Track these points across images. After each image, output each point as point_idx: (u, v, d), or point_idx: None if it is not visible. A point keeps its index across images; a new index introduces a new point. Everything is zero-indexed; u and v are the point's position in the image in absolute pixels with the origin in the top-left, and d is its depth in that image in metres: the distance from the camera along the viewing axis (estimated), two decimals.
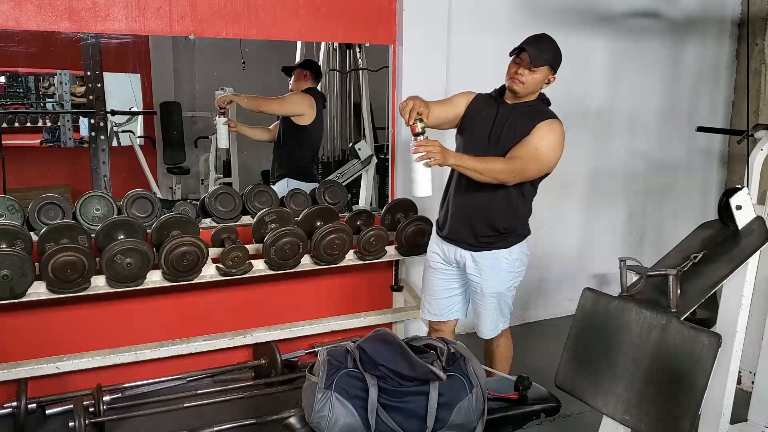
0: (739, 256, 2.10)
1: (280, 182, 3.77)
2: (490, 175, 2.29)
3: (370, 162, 3.99)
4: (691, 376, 1.80)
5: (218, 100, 3.62)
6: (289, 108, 3.74)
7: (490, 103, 2.52)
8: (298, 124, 3.71)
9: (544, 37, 2.43)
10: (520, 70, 2.39)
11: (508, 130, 2.42)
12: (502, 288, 2.59)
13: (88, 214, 2.91)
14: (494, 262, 2.55)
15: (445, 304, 2.72)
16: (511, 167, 2.32)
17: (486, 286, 2.56)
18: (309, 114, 3.70)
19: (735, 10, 4.42)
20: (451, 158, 2.20)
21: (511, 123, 2.43)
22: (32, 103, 5.08)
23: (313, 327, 3.21)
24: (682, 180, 4.54)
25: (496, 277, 2.56)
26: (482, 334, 2.69)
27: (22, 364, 2.71)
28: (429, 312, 2.76)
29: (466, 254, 2.56)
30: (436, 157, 2.15)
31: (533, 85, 2.42)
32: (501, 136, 2.43)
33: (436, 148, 2.15)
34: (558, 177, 2.63)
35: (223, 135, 3.68)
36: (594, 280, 4.27)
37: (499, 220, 2.50)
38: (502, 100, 2.50)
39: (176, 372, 3.17)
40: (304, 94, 3.74)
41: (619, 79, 4.14)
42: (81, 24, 2.75)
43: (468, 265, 2.57)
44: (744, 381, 2.93)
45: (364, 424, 1.72)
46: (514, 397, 1.97)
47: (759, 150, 2.78)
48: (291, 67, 3.86)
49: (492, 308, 2.61)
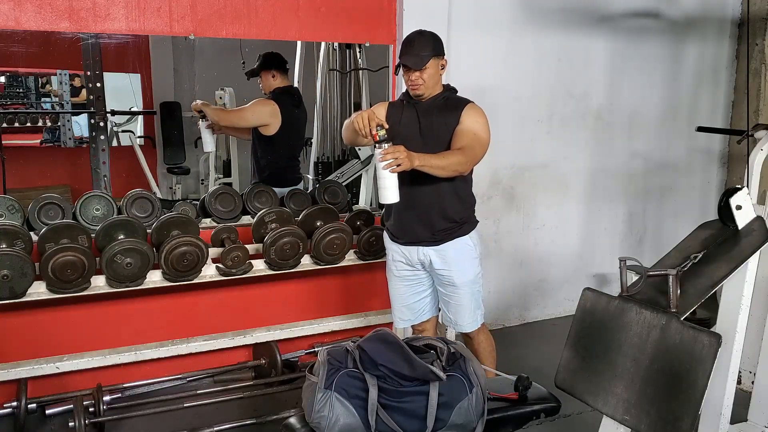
0: (739, 256, 2.10)
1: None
2: (452, 168, 2.34)
3: (370, 162, 3.99)
4: (691, 376, 1.80)
5: (192, 107, 3.56)
6: (247, 119, 3.55)
7: (405, 106, 2.57)
8: (264, 135, 3.53)
9: (413, 38, 2.48)
10: (412, 77, 2.46)
11: (436, 127, 2.48)
12: (472, 274, 2.61)
13: (88, 214, 2.91)
14: (459, 251, 2.57)
15: (418, 308, 2.73)
16: (466, 157, 2.38)
17: (457, 277, 2.58)
18: (273, 123, 3.49)
19: (735, 10, 4.42)
20: (416, 160, 2.23)
21: (435, 119, 2.48)
22: (32, 103, 5.09)
23: (313, 327, 3.22)
24: (682, 180, 4.54)
25: (463, 265, 2.58)
26: (463, 329, 2.69)
27: (22, 364, 2.72)
28: (401, 320, 2.77)
29: (429, 251, 2.57)
30: (404, 162, 2.18)
31: (432, 81, 2.48)
32: (433, 129, 2.48)
33: (402, 154, 2.17)
34: (558, 177, 2.63)
35: (208, 139, 3.62)
36: (594, 280, 4.27)
37: (451, 210, 2.54)
38: (415, 100, 2.54)
39: (176, 372, 3.17)
40: (264, 102, 3.52)
41: (619, 79, 4.14)
42: (81, 24, 2.75)
43: (434, 261, 2.58)
44: (744, 381, 2.92)
45: (364, 424, 1.72)
46: (514, 397, 1.97)
47: (759, 150, 2.78)
48: (253, 69, 3.63)
49: (467, 299, 2.62)
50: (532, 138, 3.94)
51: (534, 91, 3.87)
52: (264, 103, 3.52)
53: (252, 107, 3.55)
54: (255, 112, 3.52)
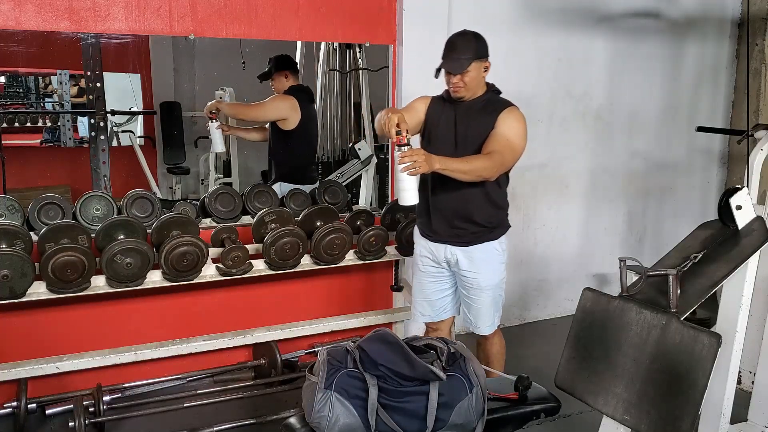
0: (739, 256, 2.10)
1: (274, 186, 3.74)
2: (475, 173, 2.31)
3: (370, 162, 3.99)
4: (691, 376, 1.80)
5: (206, 108, 3.61)
6: (268, 114, 3.65)
7: (446, 105, 2.55)
8: (284, 129, 3.61)
9: (454, 40, 2.44)
10: (453, 80, 2.43)
11: (472, 130, 2.45)
12: (497, 279, 2.61)
13: (88, 214, 2.91)
14: (486, 254, 2.56)
15: (439, 305, 2.73)
16: (492, 162, 2.34)
17: (482, 280, 2.57)
18: (292, 117, 3.58)
19: (735, 10, 4.42)
20: (436, 163, 2.22)
21: (473, 121, 2.46)
22: (32, 103, 5.08)
23: (313, 327, 3.21)
24: (682, 180, 4.54)
25: (490, 269, 2.58)
26: (480, 331, 2.69)
27: (22, 364, 2.71)
28: (422, 314, 2.77)
29: (457, 251, 2.57)
30: (422, 165, 2.16)
31: (473, 84, 2.45)
32: (467, 137, 2.46)
33: (421, 157, 2.16)
34: (558, 177, 2.64)
35: (217, 140, 3.65)
36: (594, 280, 4.27)
37: (481, 215, 2.52)
38: (456, 100, 2.51)
39: (176, 372, 3.17)
40: (284, 97, 3.62)
41: (619, 79, 4.14)
42: (81, 24, 2.75)
43: (461, 262, 2.58)
44: (744, 381, 2.92)
45: (364, 424, 1.72)
46: (514, 397, 1.97)
47: (759, 150, 2.78)
48: (266, 72, 3.73)
49: (489, 302, 2.62)
50: (532, 138, 3.87)
51: (534, 91, 3.87)
52: (283, 99, 3.62)
53: (272, 101, 3.65)
54: (275, 106, 3.62)
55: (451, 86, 2.45)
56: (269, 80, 3.71)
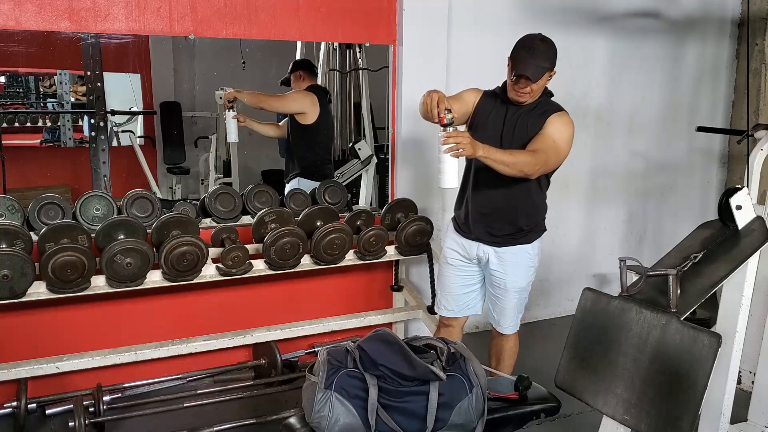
0: (739, 256, 2.11)
1: (292, 181, 3.78)
2: (517, 167, 2.27)
3: (370, 162, 3.99)
4: (691, 376, 1.80)
5: (224, 96, 3.66)
6: (289, 106, 3.73)
7: (498, 101, 2.52)
8: (303, 124, 3.70)
9: (535, 46, 2.34)
10: (521, 85, 2.38)
11: (520, 130, 2.44)
12: (525, 282, 2.62)
13: (88, 214, 2.91)
14: (517, 257, 2.57)
15: (463, 301, 2.73)
16: (536, 159, 2.30)
17: (510, 281, 2.58)
18: (311, 112, 3.68)
19: (735, 10, 4.42)
20: (480, 150, 2.16)
21: (522, 121, 2.45)
22: (32, 103, 5.08)
23: (313, 327, 3.21)
24: (682, 180, 4.53)
25: (519, 272, 2.58)
26: (503, 330, 2.71)
27: (22, 364, 2.71)
28: (446, 308, 2.77)
29: (489, 250, 2.58)
30: (466, 148, 2.11)
31: (538, 92, 2.43)
32: (514, 135, 2.44)
33: (465, 140, 2.11)
34: (558, 177, 2.63)
35: (232, 129, 3.68)
36: (594, 280, 4.27)
37: (521, 217, 2.53)
38: (508, 98, 2.49)
39: (176, 372, 3.17)
40: (305, 92, 3.73)
41: (619, 79, 4.14)
42: (81, 24, 2.75)
43: (491, 261, 2.59)
44: (744, 381, 2.92)
45: (364, 424, 1.71)
46: (514, 397, 1.97)
47: (759, 150, 2.78)
48: (287, 78, 3.85)
49: (514, 303, 2.64)
50: None
51: None
52: (303, 94, 3.72)
53: (293, 94, 3.75)
54: (296, 98, 3.71)
55: (517, 91, 2.40)
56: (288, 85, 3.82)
